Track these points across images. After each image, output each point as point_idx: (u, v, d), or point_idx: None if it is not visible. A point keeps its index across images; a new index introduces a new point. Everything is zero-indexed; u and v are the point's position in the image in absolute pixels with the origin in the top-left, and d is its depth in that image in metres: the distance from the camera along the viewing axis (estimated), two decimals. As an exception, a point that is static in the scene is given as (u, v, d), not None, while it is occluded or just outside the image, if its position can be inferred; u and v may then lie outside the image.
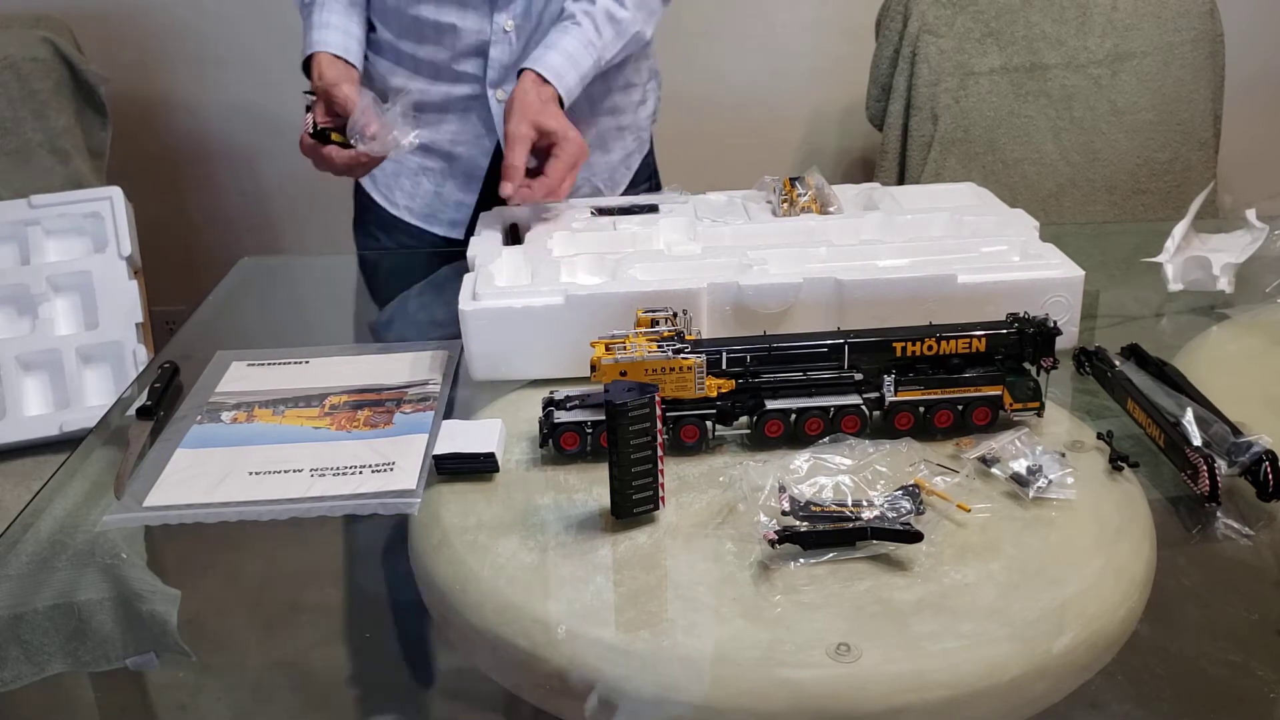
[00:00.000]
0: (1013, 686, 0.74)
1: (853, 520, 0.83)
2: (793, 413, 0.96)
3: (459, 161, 1.47)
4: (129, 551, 0.93)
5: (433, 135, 1.45)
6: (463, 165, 1.47)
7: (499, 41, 1.38)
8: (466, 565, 0.85)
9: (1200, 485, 0.89)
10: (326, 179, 1.57)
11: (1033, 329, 0.97)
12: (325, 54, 1.31)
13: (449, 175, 1.48)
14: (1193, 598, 0.84)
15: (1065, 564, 0.82)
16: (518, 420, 1.02)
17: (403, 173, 1.49)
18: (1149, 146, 2.12)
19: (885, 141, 2.16)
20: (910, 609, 0.77)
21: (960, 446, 0.96)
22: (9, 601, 0.89)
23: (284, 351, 1.17)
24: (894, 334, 0.98)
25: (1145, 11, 2.08)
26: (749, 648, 0.75)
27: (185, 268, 2.44)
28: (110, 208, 1.84)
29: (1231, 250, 1.29)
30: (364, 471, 0.97)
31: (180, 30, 2.48)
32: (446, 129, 1.45)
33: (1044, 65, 2.10)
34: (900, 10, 2.10)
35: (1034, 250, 1.16)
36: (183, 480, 0.98)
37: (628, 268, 1.13)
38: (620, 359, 0.93)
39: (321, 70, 1.29)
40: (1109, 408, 1.04)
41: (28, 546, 0.94)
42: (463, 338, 1.10)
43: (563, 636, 0.77)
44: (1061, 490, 0.88)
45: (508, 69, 1.40)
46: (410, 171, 1.49)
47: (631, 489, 0.86)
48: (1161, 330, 1.24)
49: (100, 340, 1.78)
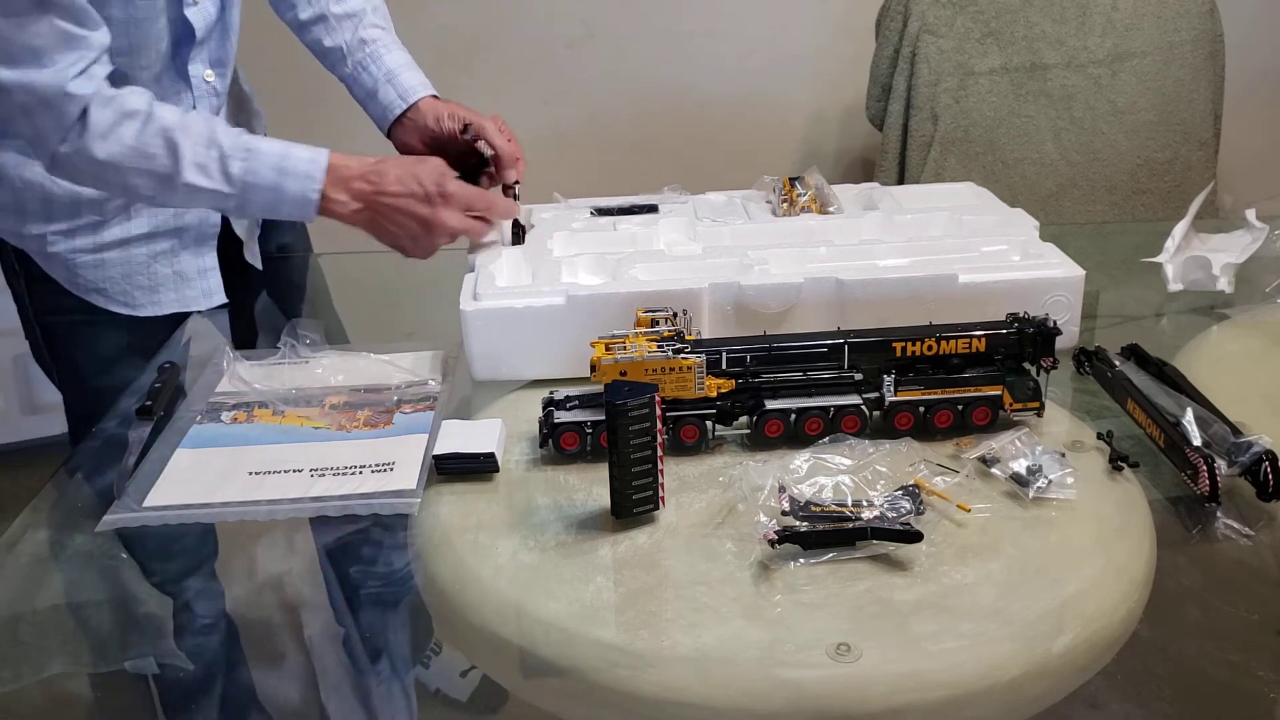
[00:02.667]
0: (1013, 686, 0.74)
1: (853, 520, 0.83)
2: (793, 413, 0.96)
3: (189, 231, 1.28)
4: (128, 552, 0.93)
5: (153, 219, 1.25)
6: (194, 233, 1.28)
7: (203, 96, 1.25)
8: (466, 565, 0.85)
9: (1200, 485, 0.89)
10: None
11: (1033, 329, 0.98)
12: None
13: (181, 248, 1.28)
14: (1193, 598, 0.84)
15: (1065, 564, 0.82)
16: (518, 420, 1.02)
17: (134, 272, 1.26)
18: (1149, 146, 2.12)
19: (885, 141, 2.16)
20: (910, 609, 0.77)
21: (960, 446, 0.96)
22: (9, 601, 0.89)
23: (284, 351, 1.17)
24: (894, 334, 0.98)
25: (1145, 11, 2.08)
26: (749, 648, 0.75)
27: (185, 268, 2.44)
28: (110, 208, 1.84)
29: (1231, 250, 1.29)
30: (364, 471, 0.97)
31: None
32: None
33: (1044, 65, 2.10)
34: (900, 10, 2.10)
35: (1034, 250, 1.16)
36: (183, 480, 0.98)
37: (628, 268, 1.13)
38: (620, 359, 0.93)
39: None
40: (1109, 408, 1.04)
41: (27, 546, 0.94)
42: (463, 338, 1.10)
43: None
44: (1061, 490, 0.88)
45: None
46: (141, 266, 1.26)
47: (631, 489, 0.86)
48: (1161, 330, 1.24)
49: (100, 340, 1.78)
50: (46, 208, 1.21)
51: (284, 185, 1.14)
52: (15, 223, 1.22)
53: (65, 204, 1.21)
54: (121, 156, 1.08)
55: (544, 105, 2.49)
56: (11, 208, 1.21)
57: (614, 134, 2.45)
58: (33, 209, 1.21)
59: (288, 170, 1.14)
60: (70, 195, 1.20)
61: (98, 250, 1.24)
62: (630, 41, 2.43)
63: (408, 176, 1.15)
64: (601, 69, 1.48)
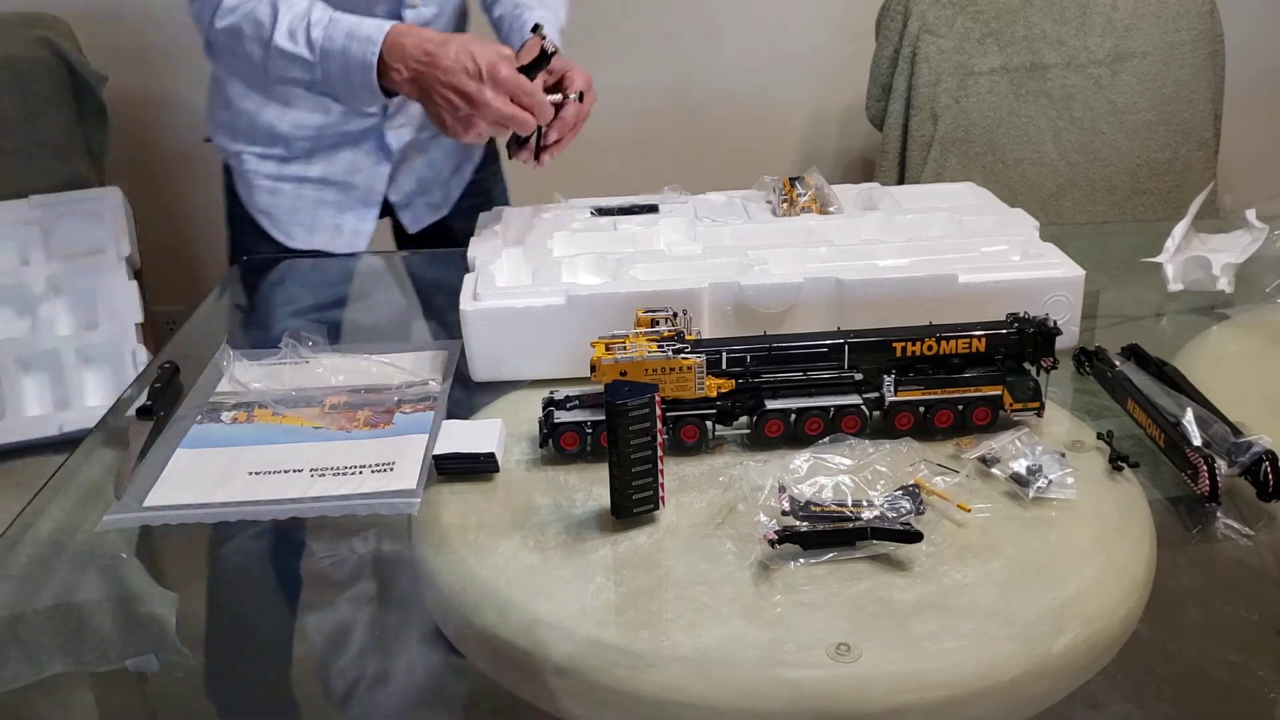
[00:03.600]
0: (1013, 686, 0.74)
1: (853, 520, 0.83)
2: (793, 413, 0.96)
3: (356, 191, 1.49)
4: (128, 552, 0.93)
5: (328, 168, 1.47)
6: (360, 195, 1.49)
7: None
8: (466, 565, 0.85)
9: (1200, 485, 0.89)
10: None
11: (1033, 329, 0.98)
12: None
13: (346, 206, 1.49)
14: (1193, 598, 0.84)
15: (1065, 564, 0.82)
16: (518, 420, 1.02)
17: (300, 208, 1.49)
18: (1149, 146, 2.12)
19: (885, 141, 2.16)
20: (910, 609, 0.77)
21: (960, 446, 0.96)
22: (9, 601, 0.89)
23: (284, 352, 1.17)
24: (894, 334, 0.98)
25: (1145, 11, 2.08)
26: (749, 648, 0.75)
27: (185, 268, 2.44)
28: (110, 208, 1.84)
29: (1231, 250, 1.29)
30: (364, 471, 0.97)
31: (180, 30, 2.46)
32: (342, 161, 1.47)
33: (1044, 65, 2.09)
34: (900, 10, 2.10)
35: (1034, 250, 1.16)
36: (183, 480, 0.98)
37: (628, 268, 1.13)
38: (620, 359, 0.93)
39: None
40: (1109, 408, 1.04)
41: (27, 547, 0.94)
42: (463, 338, 1.10)
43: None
44: (1061, 490, 0.88)
45: (402, 101, 1.42)
46: (308, 205, 1.49)
47: (631, 489, 0.86)
48: (1161, 330, 1.24)
49: (100, 340, 1.78)
50: (250, 132, 1.46)
51: (350, 50, 1.22)
52: (229, 139, 1.49)
53: (262, 133, 1.45)
54: (238, 23, 1.27)
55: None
56: (228, 127, 1.48)
57: (614, 134, 2.45)
58: (240, 129, 1.47)
59: (355, 34, 1.22)
60: (268, 127, 1.44)
61: (276, 179, 1.48)
62: (630, 41, 2.43)
63: (464, 53, 1.17)
64: (601, 69, 1.48)
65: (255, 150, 1.47)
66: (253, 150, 1.48)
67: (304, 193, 1.48)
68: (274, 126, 1.44)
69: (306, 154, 1.46)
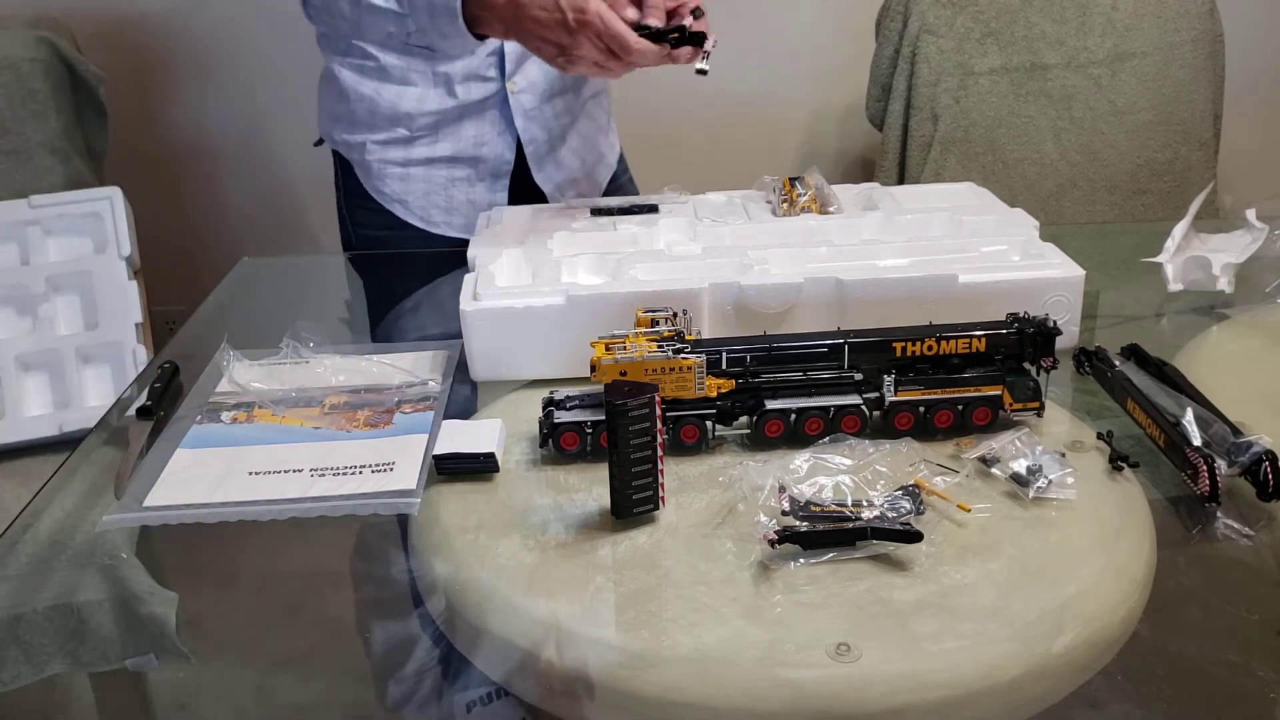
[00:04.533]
0: (1013, 686, 0.74)
1: (853, 520, 0.83)
2: (793, 413, 0.96)
3: (485, 163, 1.48)
4: (128, 551, 0.93)
5: (455, 144, 1.46)
6: (490, 166, 1.48)
7: None
8: (466, 565, 0.85)
9: (1200, 485, 0.89)
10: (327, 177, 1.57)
11: (1033, 329, 0.97)
12: None
13: (477, 179, 1.48)
14: (1193, 598, 0.84)
15: (1065, 564, 0.82)
16: (518, 420, 1.02)
17: (433, 190, 1.49)
18: (1149, 146, 2.12)
19: (885, 141, 2.16)
20: (910, 609, 0.77)
21: (960, 446, 0.96)
22: (9, 601, 0.88)
23: (284, 352, 1.17)
24: (894, 334, 0.98)
25: (1145, 11, 2.08)
26: (749, 648, 0.75)
27: (185, 268, 2.44)
28: (110, 208, 1.84)
29: (1231, 250, 1.29)
30: (364, 471, 0.97)
31: (180, 30, 2.48)
32: (468, 134, 1.46)
33: (1044, 65, 2.09)
34: (900, 10, 2.10)
35: (1034, 250, 1.16)
36: (183, 480, 0.98)
37: (628, 268, 1.13)
38: (620, 359, 0.93)
39: None
40: (1109, 408, 1.04)
41: (27, 546, 0.94)
42: (463, 338, 1.10)
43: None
44: (1061, 490, 0.88)
45: (522, 56, 1.41)
46: (440, 186, 1.49)
47: (631, 489, 0.86)
48: (1161, 330, 1.24)
49: (100, 340, 1.78)
50: (370, 118, 1.44)
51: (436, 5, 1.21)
52: (345, 130, 1.47)
53: (385, 116, 1.44)
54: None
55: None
56: (345, 117, 1.46)
57: (614, 134, 2.44)
58: (360, 118, 1.45)
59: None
60: (390, 108, 1.43)
61: (405, 164, 1.47)
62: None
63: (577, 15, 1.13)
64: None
65: (379, 137, 1.46)
66: (376, 138, 1.46)
67: (435, 174, 1.47)
68: (396, 107, 1.43)
69: (431, 131, 1.45)
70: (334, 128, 1.51)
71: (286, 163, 2.55)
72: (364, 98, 1.44)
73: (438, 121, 1.44)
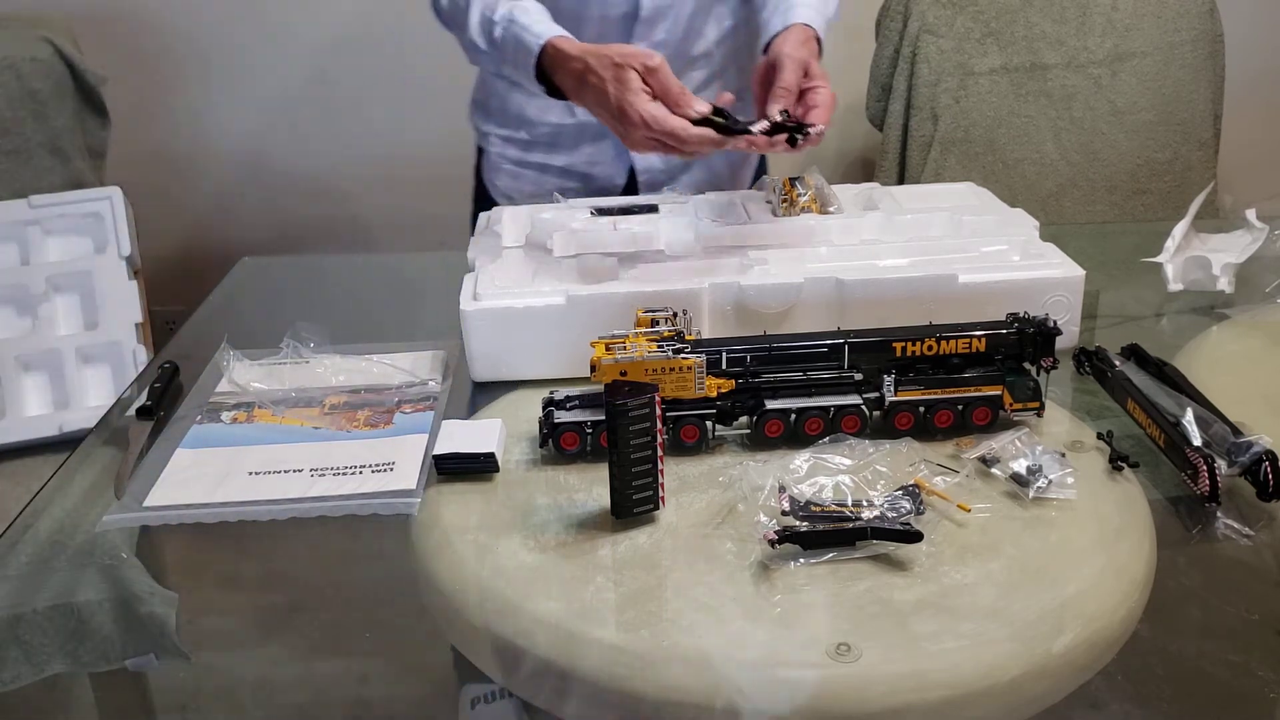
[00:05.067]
0: (1013, 686, 0.74)
1: (853, 520, 0.83)
2: (793, 413, 0.96)
3: (595, 181, 1.49)
4: (128, 551, 0.93)
5: (570, 158, 1.48)
6: (598, 185, 1.49)
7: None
8: (466, 565, 0.85)
9: (1200, 485, 0.89)
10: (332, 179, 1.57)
11: (1033, 329, 0.97)
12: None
13: (585, 194, 1.47)
14: (1193, 598, 0.84)
15: (1065, 564, 0.82)
16: (518, 420, 1.02)
17: (541, 194, 1.49)
18: (1149, 146, 2.12)
19: (885, 141, 2.16)
20: (910, 609, 0.77)
21: (960, 446, 0.96)
22: (9, 601, 0.88)
23: (284, 352, 1.17)
24: (894, 334, 0.98)
25: (1145, 11, 2.08)
26: (749, 648, 0.75)
27: (185, 268, 2.44)
28: (110, 208, 1.84)
29: (1231, 250, 1.29)
30: (364, 471, 0.97)
31: (180, 30, 2.48)
32: (584, 152, 1.47)
33: (1044, 65, 2.09)
34: (900, 10, 2.10)
35: (1034, 250, 1.16)
36: (183, 480, 0.98)
37: (628, 268, 1.13)
38: (620, 359, 0.93)
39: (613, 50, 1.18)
40: (1109, 408, 1.04)
41: (27, 546, 0.94)
42: (463, 338, 1.10)
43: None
44: (1061, 490, 0.88)
45: None
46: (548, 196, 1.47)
47: (631, 489, 0.86)
48: (1161, 330, 1.24)
49: (100, 340, 1.78)
50: (500, 114, 1.49)
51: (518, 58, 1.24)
52: (480, 116, 1.54)
53: (511, 115, 1.48)
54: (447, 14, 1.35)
55: (544, 105, 2.49)
56: (481, 104, 1.53)
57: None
58: (492, 110, 1.51)
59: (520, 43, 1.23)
60: (517, 109, 1.47)
61: (519, 164, 1.50)
62: (630, 41, 2.43)
63: (600, 90, 1.13)
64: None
65: (502, 133, 1.50)
66: (500, 132, 1.50)
67: (545, 180, 1.49)
68: (522, 110, 1.46)
69: (549, 143, 1.48)
70: (473, 110, 1.55)
71: (286, 163, 2.55)
72: (496, 92, 1.48)
73: (556, 134, 1.46)
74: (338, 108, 2.51)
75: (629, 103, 1.11)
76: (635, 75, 1.11)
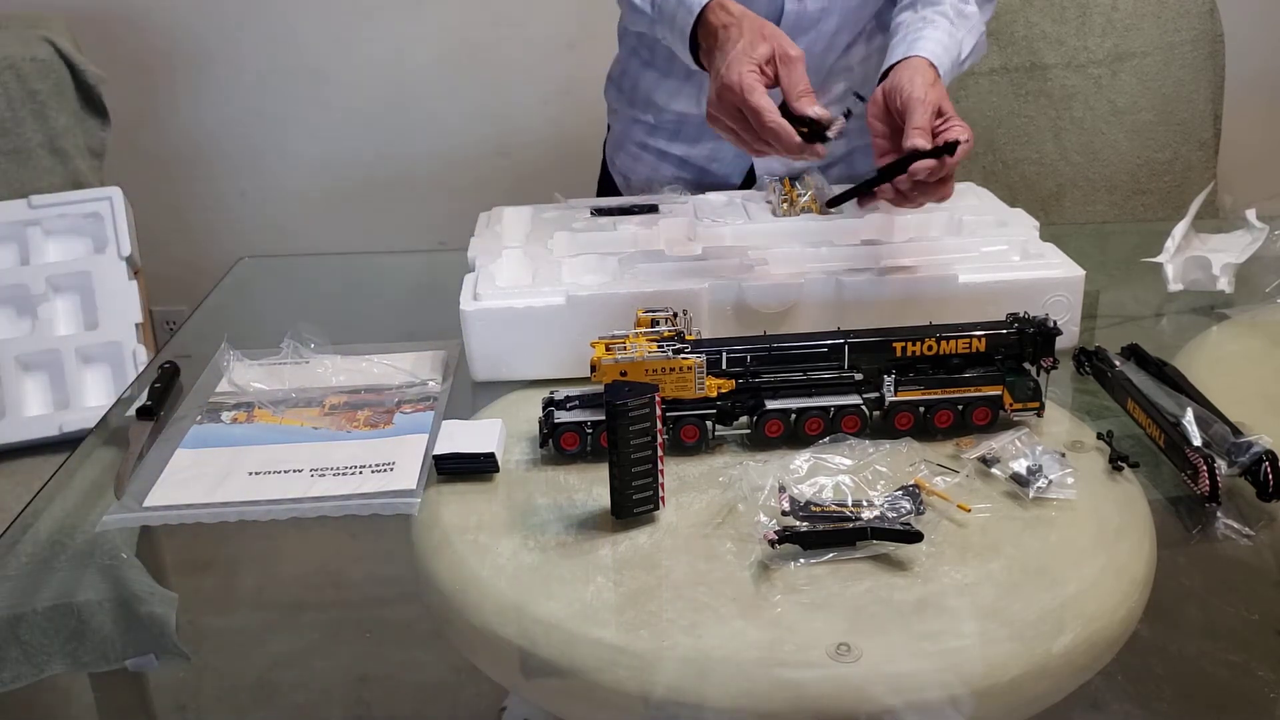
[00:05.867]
0: (1013, 686, 0.74)
1: (853, 520, 0.83)
2: (793, 413, 0.96)
3: (711, 177, 1.48)
4: (128, 551, 0.93)
5: (690, 149, 1.47)
6: (714, 180, 1.48)
7: None
8: (466, 565, 0.85)
9: (1200, 485, 0.89)
10: (332, 179, 1.57)
11: (1033, 329, 0.97)
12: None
13: (699, 188, 1.45)
14: (1193, 598, 0.84)
15: (1065, 564, 0.82)
16: (518, 420, 1.02)
17: (655, 182, 1.49)
18: (1149, 146, 2.12)
19: (885, 141, 2.16)
20: (910, 609, 0.77)
21: (960, 446, 0.96)
22: (9, 601, 0.89)
23: (284, 352, 1.17)
24: (894, 334, 0.98)
25: (1145, 11, 2.08)
26: (749, 648, 0.75)
27: (185, 268, 2.44)
28: (110, 208, 1.84)
29: (1231, 250, 1.29)
30: (364, 471, 0.97)
31: (180, 30, 2.48)
32: (704, 146, 1.46)
33: (1044, 65, 2.09)
34: (900, 10, 2.10)
35: (1034, 250, 1.16)
36: (183, 480, 0.98)
37: (628, 268, 1.13)
38: (620, 359, 0.93)
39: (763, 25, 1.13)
40: (1109, 408, 1.04)
41: (27, 546, 0.94)
42: (463, 338, 1.10)
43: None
44: (1061, 490, 0.88)
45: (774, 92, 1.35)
46: (663, 181, 1.49)
47: (631, 489, 0.86)
48: (1161, 330, 1.24)
49: (100, 340, 1.78)
50: (631, 91, 1.49)
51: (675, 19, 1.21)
52: (615, 94, 1.53)
53: (640, 96, 1.47)
54: None
55: (544, 105, 2.49)
56: (615, 79, 1.52)
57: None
58: (625, 88, 1.50)
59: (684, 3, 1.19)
60: (646, 91, 1.46)
61: (640, 147, 1.50)
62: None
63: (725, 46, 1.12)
64: (601, 69, 1.49)
65: (630, 112, 1.50)
66: (628, 112, 1.50)
67: (663, 167, 1.49)
68: (651, 93, 1.45)
69: (673, 130, 1.47)
70: (608, 85, 1.55)
71: (286, 163, 2.55)
72: (629, 71, 1.48)
73: (680, 122, 1.46)
74: (337, 107, 2.51)
75: (737, 63, 1.08)
76: (766, 50, 1.09)
